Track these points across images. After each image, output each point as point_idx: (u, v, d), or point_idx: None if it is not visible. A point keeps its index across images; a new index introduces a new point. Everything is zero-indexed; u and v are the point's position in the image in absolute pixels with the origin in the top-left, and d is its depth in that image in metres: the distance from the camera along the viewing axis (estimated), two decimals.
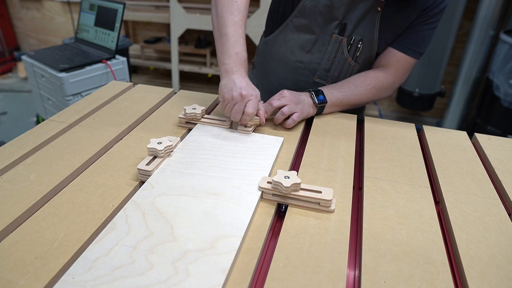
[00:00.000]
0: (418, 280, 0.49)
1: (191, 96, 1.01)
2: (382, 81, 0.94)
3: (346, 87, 0.92)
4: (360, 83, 0.93)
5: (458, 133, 0.89)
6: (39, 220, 0.56)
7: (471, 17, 2.37)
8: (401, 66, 0.94)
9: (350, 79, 0.94)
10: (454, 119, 2.53)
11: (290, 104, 0.84)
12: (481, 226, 0.60)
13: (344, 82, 0.94)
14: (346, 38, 0.94)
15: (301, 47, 0.99)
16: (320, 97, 0.89)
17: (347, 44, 0.94)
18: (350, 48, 0.95)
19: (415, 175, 0.72)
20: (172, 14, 2.70)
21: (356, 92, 0.93)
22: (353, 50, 0.95)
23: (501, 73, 2.12)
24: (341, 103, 0.92)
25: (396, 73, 0.95)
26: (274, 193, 0.62)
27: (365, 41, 0.93)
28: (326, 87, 0.92)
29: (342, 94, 0.91)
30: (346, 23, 0.92)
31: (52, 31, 3.62)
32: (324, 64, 0.99)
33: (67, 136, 0.79)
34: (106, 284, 0.46)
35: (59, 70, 1.68)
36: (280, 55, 1.03)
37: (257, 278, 0.51)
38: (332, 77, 1.01)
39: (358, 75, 0.95)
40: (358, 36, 0.93)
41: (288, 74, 1.03)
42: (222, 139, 0.78)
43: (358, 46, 0.94)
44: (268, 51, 1.07)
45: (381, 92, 0.95)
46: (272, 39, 1.03)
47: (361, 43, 0.94)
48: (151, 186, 0.63)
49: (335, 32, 0.93)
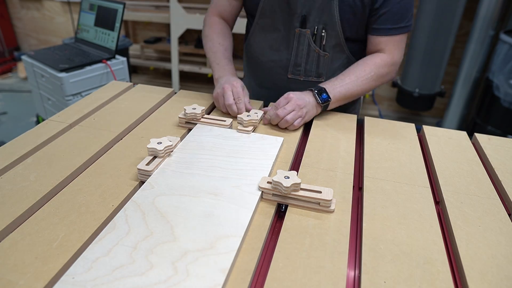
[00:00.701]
0: (418, 280, 0.49)
1: (191, 96, 1.01)
2: (382, 65, 0.93)
3: (347, 79, 0.90)
4: (361, 73, 0.91)
5: (458, 133, 0.89)
6: (39, 220, 0.56)
7: (471, 17, 2.37)
8: (394, 45, 0.93)
9: (350, 70, 0.93)
10: (454, 119, 2.53)
11: (295, 109, 0.84)
12: (481, 226, 0.60)
13: (344, 74, 0.92)
14: (310, 30, 0.94)
15: (270, 46, 1.02)
16: (323, 96, 0.88)
17: (311, 35, 0.95)
18: (315, 38, 0.96)
19: (415, 175, 0.72)
20: (172, 14, 2.70)
21: (358, 83, 0.91)
22: (318, 40, 0.96)
23: (501, 73, 2.12)
24: (344, 97, 0.91)
25: (392, 53, 0.94)
26: (274, 193, 0.62)
27: (328, 28, 0.93)
28: (328, 83, 0.90)
29: (344, 88, 0.90)
30: (305, 14, 0.93)
31: (52, 31, 3.62)
32: (294, 60, 1.00)
33: (67, 136, 0.79)
34: (106, 284, 0.46)
35: (59, 70, 1.68)
36: (255, 57, 1.07)
37: (257, 278, 0.51)
38: (305, 71, 1.01)
39: (357, 65, 0.93)
40: (320, 25, 0.93)
41: (264, 74, 1.05)
42: (222, 139, 0.78)
43: (323, 35, 0.95)
44: (246, 55, 1.12)
45: (383, 77, 0.94)
46: (247, 43, 1.08)
47: (324, 31, 0.94)
48: (151, 186, 0.63)
49: (297, 26, 0.95)
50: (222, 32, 1.04)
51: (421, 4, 2.33)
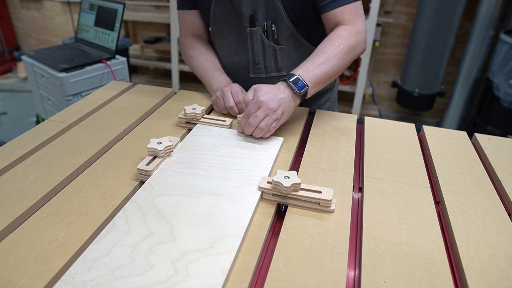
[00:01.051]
0: (418, 280, 0.49)
1: (191, 96, 1.01)
2: (348, 36, 0.85)
3: (318, 59, 0.82)
4: (330, 48, 0.83)
5: (458, 133, 0.89)
6: (39, 220, 0.56)
7: (471, 17, 2.37)
8: (351, 15, 0.87)
9: (318, 49, 0.85)
10: (454, 119, 2.53)
11: (269, 113, 0.76)
12: (481, 226, 0.60)
13: (314, 55, 0.84)
14: (260, 27, 0.94)
15: (228, 50, 1.03)
16: (300, 84, 0.79)
17: (263, 32, 0.95)
18: (267, 34, 0.96)
19: (415, 175, 0.72)
20: (172, 14, 2.70)
21: (332, 61, 0.83)
22: (271, 35, 0.96)
23: (501, 73, 2.12)
24: (321, 79, 0.82)
25: (352, 23, 0.88)
26: (274, 193, 0.62)
27: (277, 22, 0.93)
28: (299, 68, 0.82)
29: (319, 69, 0.81)
30: (252, 13, 0.93)
31: (52, 31, 3.62)
32: (252, 59, 1.00)
33: (67, 136, 0.79)
34: (106, 284, 0.46)
35: (59, 70, 1.68)
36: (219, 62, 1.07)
37: (257, 278, 0.51)
38: (265, 68, 1.01)
39: (323, 42, 0.85)
40: (269, 21, 0.93)
41: (230, 77, 1.03)
42: (222, 139, 0.78)
43: (273, 30, 0.94)
44: None
45: (354, 48, 0.86)
46: None
47: (274, 25, 0.94)
48: (151, 186, 0.63)
49: (247, 26, 0.95)
50: (203, 48, 1.04)
51: (421, 4, 2.34)
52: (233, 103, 0.88)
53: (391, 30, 2.74)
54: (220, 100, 0.90)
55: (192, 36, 1.06)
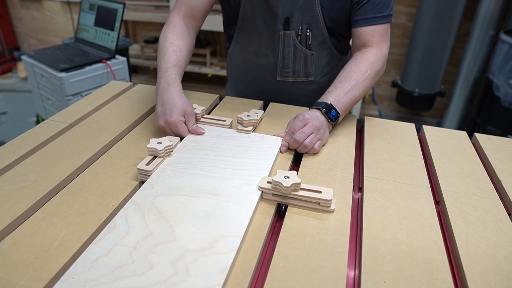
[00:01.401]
0: (418, 280, 0.49)
1: (191, 96, 1.01)
2: (374, 60, 0.88)
3: (347, 85, 0.85)
4: (358, 74, 0.86)
5: (458, 133, 0.89)
6: (39, 220, 0.56)
7: (471, 17, 2.37)
8: (380, 37, 0.90)
9: (346, 73, 0.87)
10: (454, 119, 2.53)
11: (314, 131, 0.77)
12: (481, 226, 0.60)
13: (342, 79, 0.86)
14: (294, 31, 0.93)
15: (254, 51, 1.00)
16: (333, 113, 0.82)
17: (296, 36, 0.94)
18: (300, 39, 0.95)
19: (415, 175, 0.72)
20: None
21: (359, 87, 0.86)
22: (304, 40, 0.95)
23: (501, 73, 2.12)
24: (349, 106, 0.86)
25: (379, 46, 0.90)
26: (274, 193, 0.62)
27: (312, 27, 0.93)
28: (331, 95, 0.84)
29: (348, 96, 0.84)
30: (288, 16, 0.92)
31: (52, 31, 3.62)
32: (281, 62, 0.99)
33: (67, 136, 0.79)
34: (106, 284, 0.46)
35: (59, 70, 1.68)
36: (240, 63, 1.05)
37: (257, 278, 0.51)
38: (293, 72, 1.00)
39: (350, 66, 0.88)
40: (304, 25, 0.93)
41: (251, 78, 1.03)
42: (222, 139, 0.78)
43: (307, 35, 0.94)
44: (231, 62, 1.10)
45: (378, 73, 0.90)
46: (231, 49, 1.06)
47: (309, 31, 0.93)
48: (151, 186, 0.63)
49: (280, 28, 0.93)
50: (180, 32, 0.89)
51: (421, 4, 2.33)
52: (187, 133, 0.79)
53: (391, 30, 2.72)
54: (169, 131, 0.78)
55: (184, 14, 0.93)
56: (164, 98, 0.78)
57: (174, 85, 0.79)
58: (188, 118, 0.78)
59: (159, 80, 0.82)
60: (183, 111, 0.77)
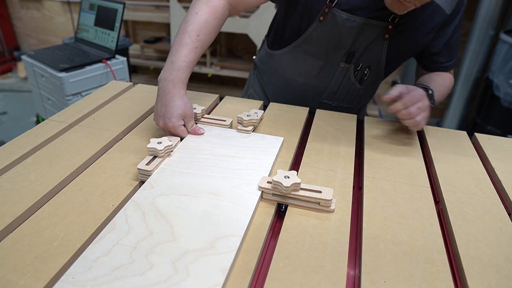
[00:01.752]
0: (418, 280, 0.49)
1: (191, 96, 1.01)
2: (451, 81, 0.99)
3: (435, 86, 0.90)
4: (443, 84, 0.94)
5: (458, 133, 0.89)
6: (39, 220, 0.56)
7: (471, 17, 2.37)
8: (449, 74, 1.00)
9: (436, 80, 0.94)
10: (454, 119, 2.53)
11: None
12: (481, 226, 0.60)
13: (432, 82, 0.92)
14: (353, 65, 0.95)
15: (308, 71, 1.00)
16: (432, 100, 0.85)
17: (354, 70, 0.96)
18: (357, 74, 0.97)
19: (415, 175, 0.71)
20: (172, 14, 2.70)
21: (441, 93, 0.93)
22: (359, 76, 0.97)
23: (501, 73, 2.12)
24: None
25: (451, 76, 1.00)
26: (274, 193, 0.62)
27: (372, 67, 0.95)
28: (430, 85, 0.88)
29: (436, 97, 0.88)
30: (354, 51, 0.92)
31: (52, 31, 3.62)
32: (331, 88, 1.01)
33: (67, 136, 0.79)
34: (106, 284, 0.46)
35: (59, 70, 1.68)
36: (286, 74, 1.04)
37: (257, 278, 0.51)
38: (339, 99, 1.04)
39: (437, 77, 0.96)
40: (366, 63, 0.94)
41: (293, 93, 1.04)
42: (222, 139, 0.78)
43: (365, 72, 0.96)
44: (272, 65, 1.07)
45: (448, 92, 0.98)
46: (278, 55, 1.03)
47: (368, 69, 0.95)
48: (151, 186, 0.63)
49: (342, 60, 0.94)
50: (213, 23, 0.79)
51: None
52: (186, 134, 0.78)
53: None
54: (167, 131, 0.78)
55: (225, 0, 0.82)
56: (167, 99, 0.75)
57: (178, 87, 0.76)
58: (187, 120, 0.78)
59: (168, 71, 0.75)
60: (182, 115, 0.77)
